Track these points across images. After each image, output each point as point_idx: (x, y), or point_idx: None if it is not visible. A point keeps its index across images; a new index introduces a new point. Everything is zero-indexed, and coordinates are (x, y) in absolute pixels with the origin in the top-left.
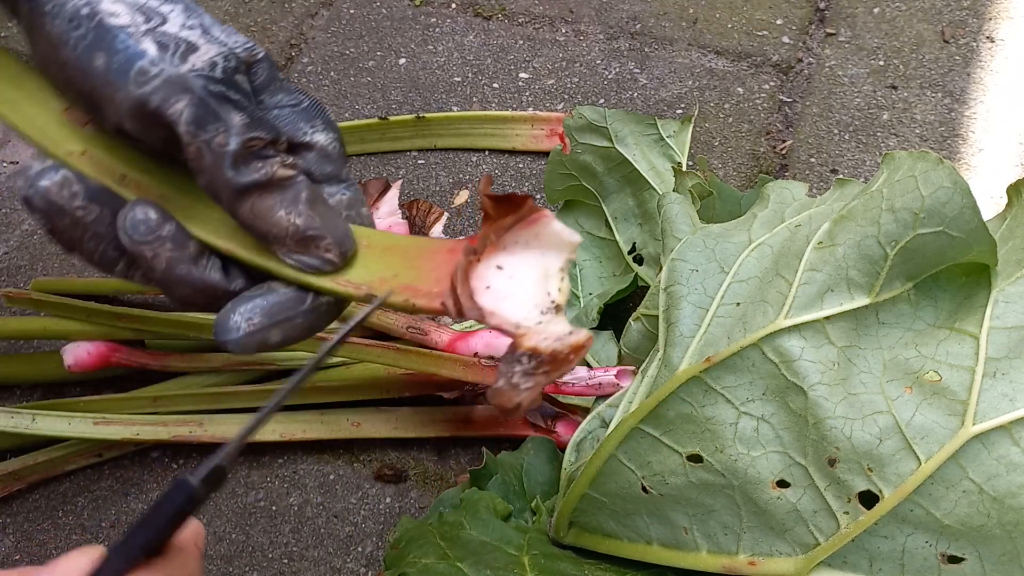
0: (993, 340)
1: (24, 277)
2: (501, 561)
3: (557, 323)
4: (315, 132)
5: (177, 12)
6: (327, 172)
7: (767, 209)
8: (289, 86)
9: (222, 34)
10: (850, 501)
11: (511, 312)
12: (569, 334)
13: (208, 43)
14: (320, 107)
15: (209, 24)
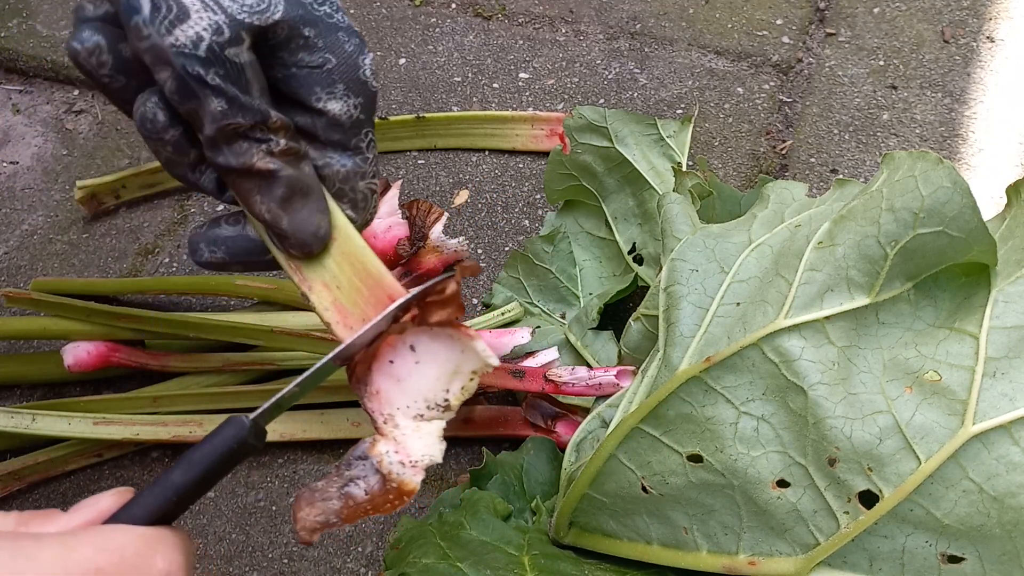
0: (993, 340)
1: (24, 277)
2: (501, 561)
3: (425, 435)
4: (330, 99)
5: None
6: (333, 139)
7: (767, 209)
8: (316, 44)
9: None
10: (850, 501)
11: (394, 399)
12: (413, 464)
13: (203, 10)
14: (349, 68)
15: None
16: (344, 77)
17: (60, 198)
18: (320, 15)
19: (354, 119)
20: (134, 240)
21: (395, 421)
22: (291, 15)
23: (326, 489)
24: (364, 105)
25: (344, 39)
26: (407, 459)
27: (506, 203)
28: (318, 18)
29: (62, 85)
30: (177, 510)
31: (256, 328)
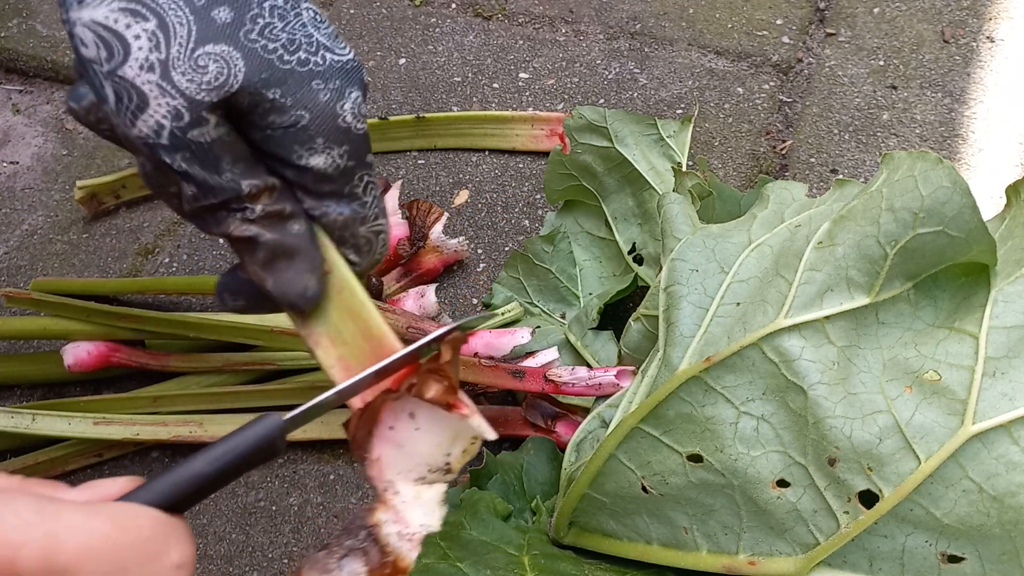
0: (992, 339)
1: (24, 277)
2: (501, 561)
3: (424, 503)
4: (311, 155)
5: (143, 40)
6: (324, 191)
7: (767, 209)
8: (284, 103)
9: (185, 72)
10: (850, 500)
11: (394, 465)
12: (410, 538)
13: (160, 96)
14: (326, 119)
15: (175, 55)
16: (322, 130)
17: (60, 198)
18: (290, 67)
19: (341, 168)
20: (134, 240)
21: (395, 488)
22: (252, 81)
23: (327, 561)
24: (350, 151)
25: (319, 87)
26: (405, 530)
27: (506, 203)
28: (286, 72)
29: (62, 85)
30: (191, 501)
31: (256, 328)
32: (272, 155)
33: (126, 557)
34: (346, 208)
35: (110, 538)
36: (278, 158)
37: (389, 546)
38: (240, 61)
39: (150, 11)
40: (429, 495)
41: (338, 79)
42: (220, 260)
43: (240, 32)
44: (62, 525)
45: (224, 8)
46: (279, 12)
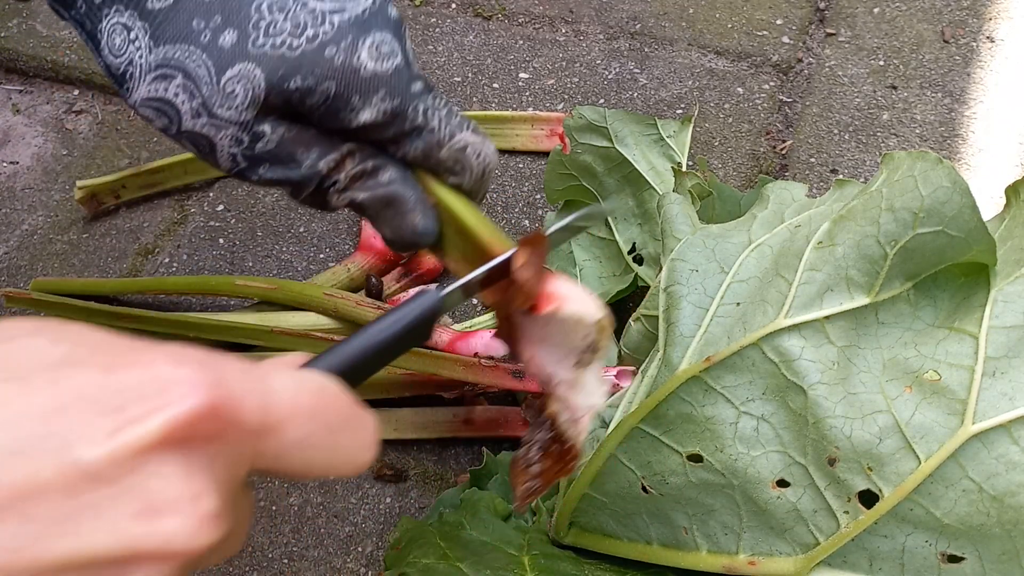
0: (992, 339)
1: (24, 277)
2: (501, 561)
3: (585, 384)
4: (356, 114)
5: (181, 94)
6: (390, 136)
7: (767, 210)
8: (308, 85)
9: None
10: (850, 500)
11: (545, 359)
12: (576, 420)
13: (217, 131)
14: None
15: (208, 94)
16: (350, 89)
17: (60, 198)
18: (300, 51)
19: (390, 111)
20: (134, 240)
21: (556, 378)
22: (272, 82)
23: (526, 456)
24: (389, 92)
25: (332, 52)
26: (573, 415)
27: (506, 203)
28: (299, 58)
29: (62, 85)
30: (356, 379)
31: (256, 328)
32: (330, 129)
33: (332, 420)
34: (418, 141)
35: (317, 399)
36: (335, 130)
37: (565, 433)
38: (256, 70)
39: (173, 68)
40: (586, 377)
41: (350, 34)
42: (219, 260)
43: (247, 44)
44: (273, 383)
45: (228, 31)
46: (278, 5)
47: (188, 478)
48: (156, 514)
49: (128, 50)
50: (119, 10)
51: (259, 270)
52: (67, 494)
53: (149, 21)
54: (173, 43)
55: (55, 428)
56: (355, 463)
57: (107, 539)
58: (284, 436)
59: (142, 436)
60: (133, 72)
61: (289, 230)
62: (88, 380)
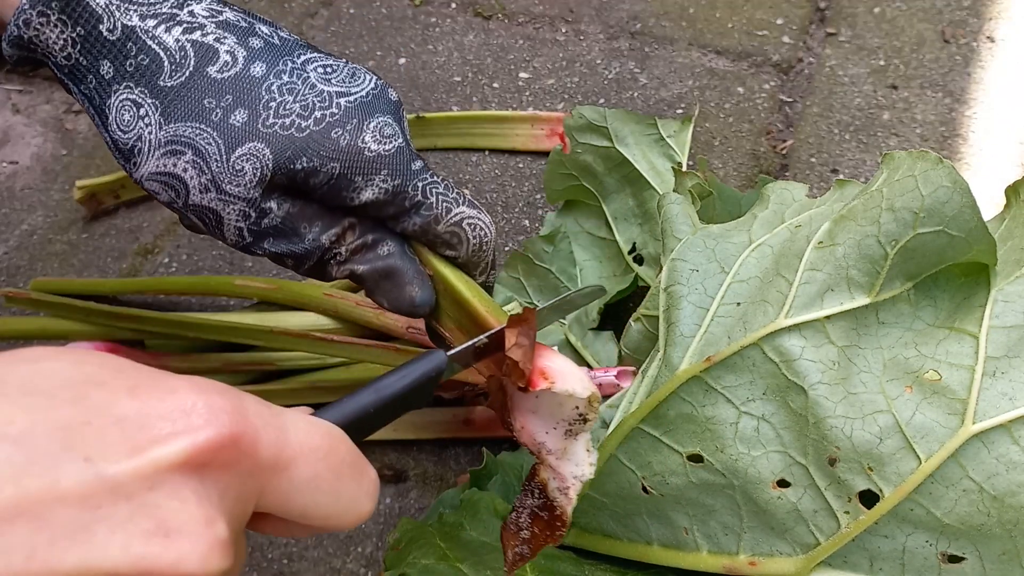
0: (993, 339)
1: (24, 277)
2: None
3: (573, 455)
4: (359, 193)
5: (191, 170)
6: (390, 213)
7: (767, 210)
8: (313, 165)
9: (231, 180)
10: (850, 500)
11: (536, 428)
12: (565, 490)
13: (224, 206)
14: (352, 158)
15: (217, 171)
16: (354, 170)
17: (60, 198)
18: (308, 133)
19: (390, 191)
20: (133, 240)
21: (546, 447)
22: (280, 162)
23: (516, 521)
24: (391, 172)
25: (339, 135)
26: (561, 484)
27: (506, 203)
28: (306, 138)
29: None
30: (357, 435)
31: (256, 328)
32: (333, 207)
33: (339, 463)
34: (416, 217)
35: (327, 442)
36: (338, 207)
37: (555, 501)
38: (265, 150)
39: (184, 145)
40: (575, 447)
41: (355, 117)
42: (219, 260)
43: (258, 124)
44: (287, 422)
45: (239, 111)
46: (288, 87)
47: (203, 503)
48: (169, 535)
49: (137, 126)
50: (129, 87)
51: (259, 270)
52: (84, 505)
53: (160, 98)
54: (184, 121)
55: (78, 441)
56: (355, 511)
57: (119, 554)
58: (294, 474)
59: (164, 456)
60: (142, 148)
61: None
62: (112, 399)
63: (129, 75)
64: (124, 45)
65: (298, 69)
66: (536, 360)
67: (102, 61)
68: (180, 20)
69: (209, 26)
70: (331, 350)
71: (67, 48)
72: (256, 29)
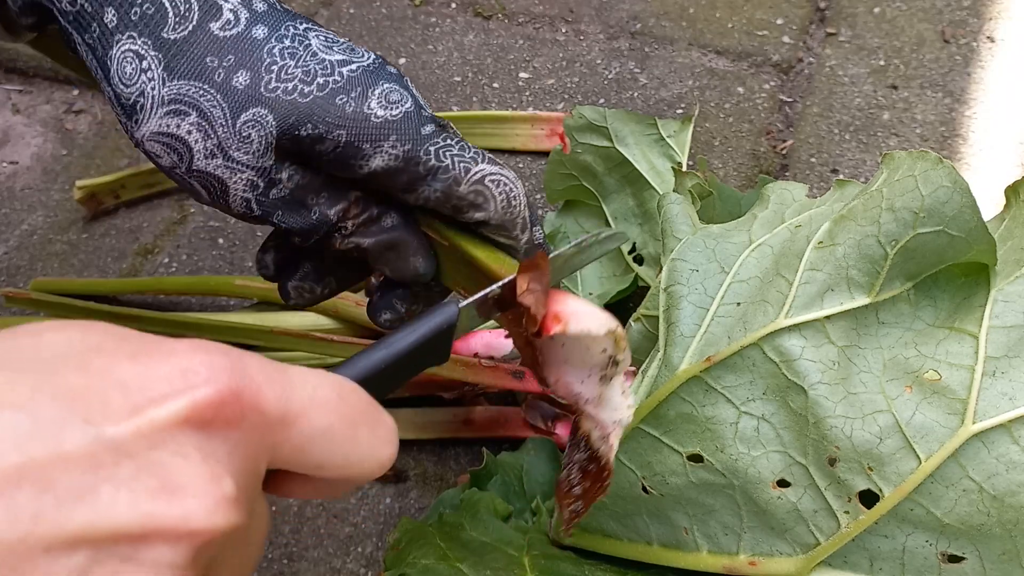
0: (992, 339)
1: (24, 277)
2: (501, 561)
3: (609, 400)
4: (367, 161)
5: (195, 133)
6: (403, 182)
7: (767, 210)
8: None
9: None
10: (850, 500)
11: (570, 379)
12: (605, 438)
13: (232, 174)
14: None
15: (224, 136)
16: (361, 136)
17: (60, 198)
18: (311, 98)
19: (401, 156)
20: (133, 240)
21: (583, 397)
22: (284, 127)
23: (568, 479)
24: (400, 137)
25: (343, 101)
26: (602, 432)
27: None
28: (310, 104)
29: (62, 85)
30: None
31: (256, 328)
32: (341, 176)
33: (352, 412)
34: (435, 183)
35: (337, 392)
36: (346, 178)
37: (598, 450)
38: (269, 115)
39: (188, 105)
40: (610, 392)
41: (360, 84)
42: (219, 260)
43: (260, 87)
44: (294, 375)
45: (241, 72)
46: (289, 52)
47: (207, 460)
48: (174, 492)
49: (139, 80)
50: (132, 37)
51: None
52: (88, 467)
53: (163, 52)
54: (187, 78)
55: (80, 405)
56: (376, 458)
57: (125, 512)
58: (305, 426)
59: (165, 415)
60: (144, 104)
61: None
62: (114, 364)
63: (133, 24)
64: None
65: (300, 35)
66: (549, 305)
67: (107, 8)
68: None
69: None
70: (331, 350)
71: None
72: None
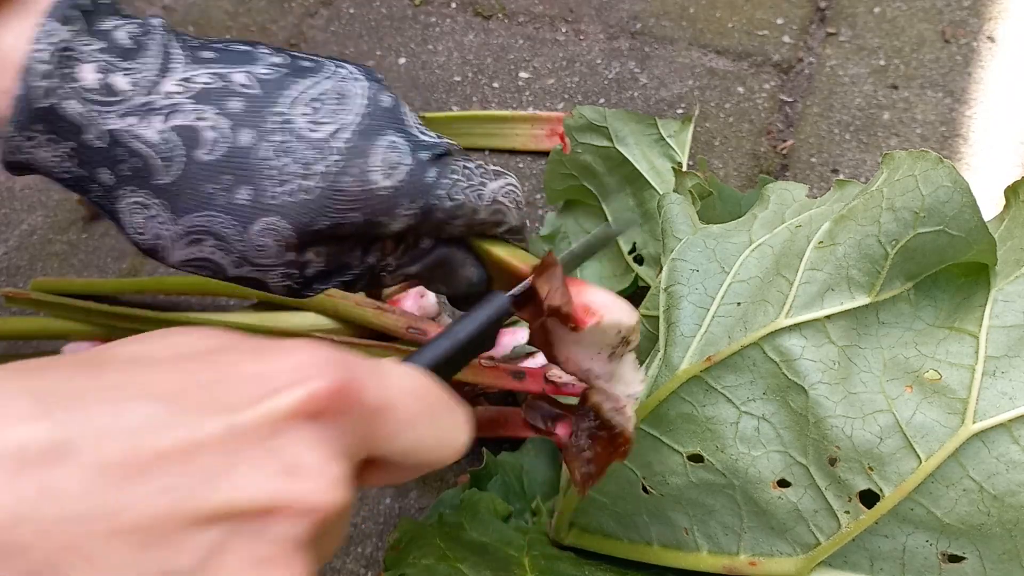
0: (993, 339)
1: (24, 277)
2: (501, 562)
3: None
4: (387, 229)
5: (218, 253)
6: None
7: (767, 210)
8: (334, 224)
9: (258, 253)
10: (851, 500)
11: (580, 356)
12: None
13: (262, 274)
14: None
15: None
16: (375, 210)
17: (60, 198)
18: (318, 190)
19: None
20: None
21: (593, 372)
22: (301, 230)
23: (576, 444)
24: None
25: (347, 181)
26: (616, 405)
27: None
28: (318, 198)
29: None
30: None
31: (256, 328)
32: (369, 247)
33: (434, 401)
34: (457, 221)
35: (421, 385)
36: (374, 248)
37: (611, 421)
38: (281, 222)
39: (202, 233)
40: (623, 368)
41: (357, 156)
42: None
43: (265, 198)
44: (386, 370)
45: (242, 189)
46: (281, 149)
47: (321, 445)
48: (295, 473)
49: (151, 226)
50: (133, 190)
51: None
52: (223, 451)
53: (164, 197)
54: (193, 212)
55: (211, 397)
56: (456, 443)
57: (255, 491)
58: (397, 415)
59: (285, 405)
60: (163, 244)
61: None
62: (239, 360)
63: (128, 179)
64: (113, 151)
65: (287, 122)
66: (577, 297)
67: (99, 170)
68: (156, 108)
69: (186, 104)
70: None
71: (63, 163)
72: (232, 83)
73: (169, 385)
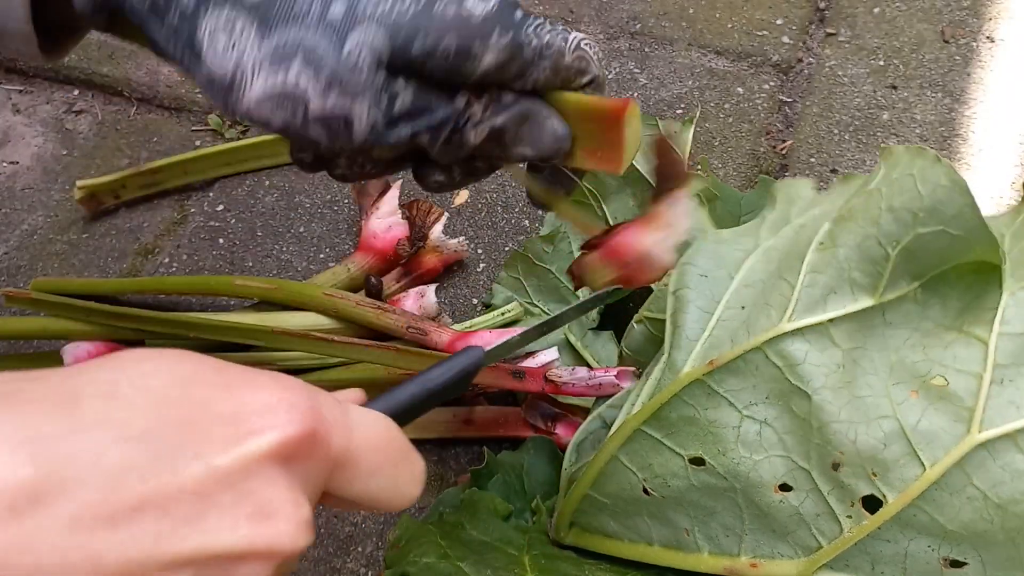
0: (1002, 346)
1: (24, 277)
2: (501, 561)
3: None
4: (480, 59)
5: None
6: (514, 72)
7: (775, 212)
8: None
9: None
10: (853, 505)
11: None
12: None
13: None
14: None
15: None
16: (469, 38)
17: (60, 198)
18: (411, 12)
19: (508, 48)
20: (134, 240)
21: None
22: (395, 46)
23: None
24: (503, 28)
25: (441, 8)
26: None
27: (506, 203)
28: (415, 17)
29: (62, 85)
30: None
31: (256, 328)
32: (457, 83)
33: (395, 454)
34: (544, 61)
35: (384, 436)
36: (462, 84)
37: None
38: (377, 34)
39: (289, 51)
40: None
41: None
42: (219, 260)
43: (359, 12)
44: (353, 418)
45: (336, 4)
46: None
47: (292, 488)
48: (268, 517)
49: (235, 51)
50: (218, 7)
51: (259, 270)
52: (197, 495)
53: (252, 12)
54: (283, 27)
55: (188, 438)
56: (408, 495)
57: (228, 536)
58: (358, 466)
59: (257, 449)
60: (244, 71)
61: (289, 230)
62: (212, 397)
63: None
64: None
65: None
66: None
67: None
68: None
69: None
70: (331, 350)
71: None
72: None
73: (144, 423)
